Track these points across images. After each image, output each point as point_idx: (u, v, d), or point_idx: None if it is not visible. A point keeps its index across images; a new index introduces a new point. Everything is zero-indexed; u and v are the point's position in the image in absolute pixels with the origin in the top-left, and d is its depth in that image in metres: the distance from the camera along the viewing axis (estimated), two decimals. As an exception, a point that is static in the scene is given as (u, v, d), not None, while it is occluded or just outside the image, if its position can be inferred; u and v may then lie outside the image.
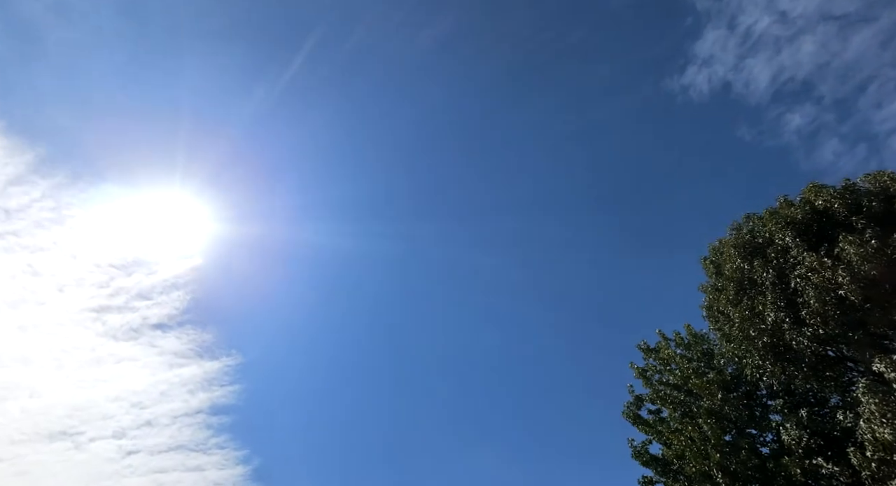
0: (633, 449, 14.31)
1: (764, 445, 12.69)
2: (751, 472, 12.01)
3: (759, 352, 12.43)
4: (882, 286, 10.71)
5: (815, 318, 11.36)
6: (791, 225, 12.43)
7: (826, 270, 11.21)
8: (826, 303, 11.18)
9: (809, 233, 12.24)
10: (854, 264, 10.81)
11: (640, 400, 14.81)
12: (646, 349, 15.32)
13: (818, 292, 11.26)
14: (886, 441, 9.74)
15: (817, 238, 12.10)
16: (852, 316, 11.06)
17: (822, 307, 11.22)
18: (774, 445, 12.48)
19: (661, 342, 15.13)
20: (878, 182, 12.03)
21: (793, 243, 12.20)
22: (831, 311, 11.17)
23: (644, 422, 14.46)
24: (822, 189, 12.29)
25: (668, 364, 14.76)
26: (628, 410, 14.80)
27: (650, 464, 14.00)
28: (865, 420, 10.16)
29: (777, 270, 12.37)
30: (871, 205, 11.62)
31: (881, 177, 12.08)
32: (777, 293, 12.17)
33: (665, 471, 13.71)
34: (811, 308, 11.41)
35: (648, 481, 14.01)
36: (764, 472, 11.93)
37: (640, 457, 14.20)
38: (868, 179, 12.26)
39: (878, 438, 9.86)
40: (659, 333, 15.26)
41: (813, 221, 12.27)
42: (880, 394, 10.05)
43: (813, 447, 11.46)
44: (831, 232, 11.88)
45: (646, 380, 14.83)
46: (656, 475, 13.90)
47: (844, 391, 11.81)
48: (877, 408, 9.93)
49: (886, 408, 9.84)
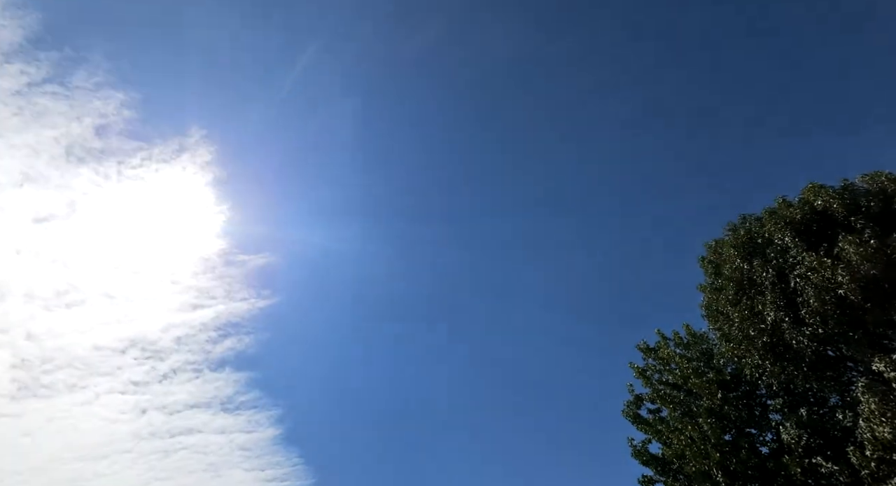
0: (633, 448, 14.33)
1: (763, 444, 12.73)
2: (750, 471, 12.06)
3: (758, 351, 12.46)
4: (881, 286, 10.77)
5: (814, 317, 11.41)
6: (790, 225, 12.48)
7: (826, 269, 11.25)
8: (825, 302, 11.23)
9: (809, 233, 12.29)
10: (854, 263, 10.86)
11: (640, 399, 14.83)
12: (645, 349, 15.35)
13: (818, 291, 11.31)
14: (886, 440, 9.79)
15: (816, 238, 12.15)
16: (852, 316, 11.11)
17: (821, 307, 11.27)
18: (774, 444, 12.52)
19: (660, 342, 15.16)
20: (875, 182, 12.11)
21: (792, 242, 12.25)
22: (831, 310, 11.23)
23: (644, 421, 14.48)
24: (821, 189, 12.34)
25: (667, 364, 14.78)
26: (628, 409, 14.81)
27: (650, 463, 14.02)
28: (865, 419, 10.21)
29: (776, 269, 12.41)
30: (870, 205, 11.69)
31: (878, 177, 12.17)
32: (776, 293, 12.22)
33: (664, 470, 13.73)
34: (811, 308, 11.46)
35: (648, 480, 14.03)
36: (763, 471, 11.98)
37: (639, 456, 14.21)
38: (866, 179, 12.34)
39: (878, 437, 9.91)
40: (658, 332, 15.28)
41: (812, 222, 12.32)
42: (880, 393, 10.11)
43: (812, 447, 11.50)
44: (830, 232, 11.93)
45: (645, 379, 14.86)
46: (656, 474, 13.91)
47: (844, 391, 11.86)
48: (876, 407, 9.99)
49: (886, 407, 9.89)
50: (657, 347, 15.16)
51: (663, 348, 15.00)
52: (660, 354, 14.98)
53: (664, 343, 15.10)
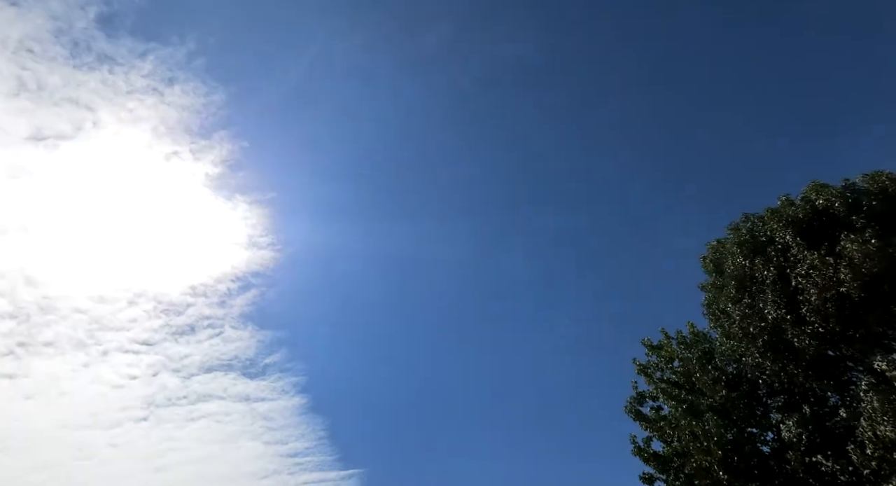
0: (635, 446, 14.39)
1: (764, 443, 12.78)
2: (752, 469, 12.12)
3: (759, 350, 12.51)
4: (883, 285, 10.80)
5: (815, 316, 11.46)
6: (792, 224, 12.51)
7: (827, 268, 11.28)
8: (827, 301, 11.27)
9: (810, 232, 12.31)
10: (855, 262, 10.89)
11: (643, 396, 14.88)
12: (649, 345, 15.42)
13: (819, 290, 11.34)
14: (887, 439, 9.84)
15: (818, 237, 12.17)
16: (853, 314, 11.15)
17: (822, 305, 11.31)
18: (775, 442, 12.57)
19: (664, 340, 15.24)
20: (876, 182, 12.13)
21: (793, 241, 12.28)
22: (832, 309, 11.26)
23: (646, 419, 14.53)
24: (823, 188, 12.37)
25: (670, 361, 14.86)
26: (630, 406, 14.87)
27: (651, 461, 14.07)
28: (866, 418, 10.26)
29: (778, 268, 12.45)
30: (872, 204, 11.71)
31: (879, 177, 12.18)
32: (778, 291, 12.26)
33: (666, 468, 13.77)
34: (812, 306, 11.50)
35: (649, 477, 14.08)
36: (765, 469, 12.04)
37: (641, 454, 14.25)
38: (867, 179, 12.36)
39: (879, 436, 9.96)
40: (662, 331, 15.38)
41: (814, 220, 12.35)
42: (881, 392, 10.16)
43: (813, 445, 11.55)
44: (832, 231, 11.95)
45: (648, 376, 14.93)
46: (657, 471, 13.96)
47: (845, 390, 11.91)
48: (878, 406, 10.03)
49: (887, 406, 9.94)
50: (660, 344, 15.24)
51: (666, 346, 15.07)
52: (663, 351, 15.06)
53: (668, 341, 15.18)
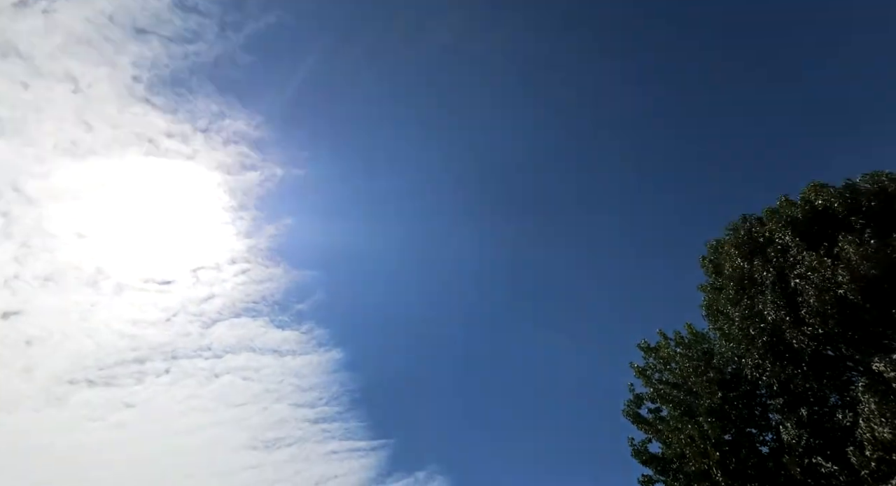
0: (633, 448, 14.32)
1: (763, 444, 12.72)
2: (750, 471, 12.05)
3: (758, 351, 12.46)
4: (881, 286, 10.76)
5: (814, 317, 11.41)
6: (791, 224, 12.47)
7: (826, 269, 11.24)
8: (825, 302, 11.22)
9: (809, 232, 12.28)
10: (854, 263, 10.85)
11: (641, 399, 14.81)
12: (646, 348, 15.34)
13: (818, 291, 11.30)
14: (886, 440, 9.78)
15: (817, 238, 12.13)
16: (852, 315, 11.10)
17: (821, 306, 11.26)
18: (774, 444, 12.50)
19: (661, 342, 15.15)
20: (875, 182, 12.11)
21: (792, 242, 12.24)
22: (831, 310, 11.21)
23: (644, 421, 14.46)
24: (822, 188, 12.34)
25: (668, 363, 14.78)
26: (628, 408, 14.80)
27: (650, 463, 14.01)
28: (865, 419, 10.19)
29: (777, 269, 12.41)
30: (871, 204, 11.68)
31: (879, 177, 12.17)
32: (777, 292, 12.21)
33: (664, 470, 13.71)
34: (811, 307, 11.45)
35: (648, 479, 14.02)
36: (763, 471, 11.96)
37: (639, 456, 14.19)
38: (866, 179, 12.34)
39: (878, 437, 9.90)
40: (660, 332, 15.28)
41: (813, 221, 12.32)
42: (880, 393, 10.10)
43: (812, 446, 11.48)
44: (831, 232, 11.92)
45: (646, 379, 14.85)
46: (656, 473, 13.90)
47: (843, 391, 11.84)
48: (876, 407, 9.97)
49: (886, 407, 9.88)
50: (658, 346, 15.16)
51: (664, 348, 14.99)
52: (661, 353, 14.98)
53: (665, 343, 15.10)
